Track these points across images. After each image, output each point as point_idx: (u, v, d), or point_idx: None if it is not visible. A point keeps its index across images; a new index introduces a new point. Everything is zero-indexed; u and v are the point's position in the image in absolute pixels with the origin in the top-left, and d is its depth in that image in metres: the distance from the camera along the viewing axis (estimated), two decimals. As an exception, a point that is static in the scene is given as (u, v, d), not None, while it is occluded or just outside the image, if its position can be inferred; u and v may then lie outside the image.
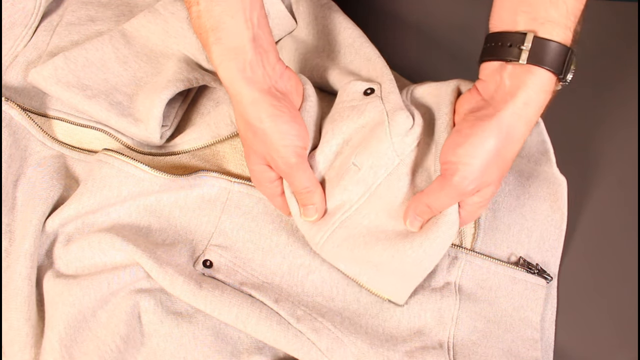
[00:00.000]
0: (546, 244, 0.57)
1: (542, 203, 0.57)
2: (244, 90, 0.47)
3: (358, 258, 0.50)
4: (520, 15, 0.46)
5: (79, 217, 0.51)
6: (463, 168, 0.46)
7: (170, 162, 0.57)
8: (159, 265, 0.49)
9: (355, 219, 0.50)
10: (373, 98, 0.52)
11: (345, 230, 0.50)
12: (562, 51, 0.45)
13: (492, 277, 0.55)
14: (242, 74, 0.47)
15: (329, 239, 0.50)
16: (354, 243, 0.50)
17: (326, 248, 0.50)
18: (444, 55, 0.68)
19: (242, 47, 0.47)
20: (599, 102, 0.63)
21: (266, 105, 0.47)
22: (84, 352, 0.47)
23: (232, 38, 0.47)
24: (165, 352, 0.48)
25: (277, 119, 0.47)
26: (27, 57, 0.59)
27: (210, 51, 0.47)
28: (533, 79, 0.45)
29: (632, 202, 0.59)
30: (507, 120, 0.46)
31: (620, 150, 0.61)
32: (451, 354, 0.51)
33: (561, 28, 0.45)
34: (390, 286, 0.51)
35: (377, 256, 0.49)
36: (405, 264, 0.48)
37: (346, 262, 0.51)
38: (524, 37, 0.45)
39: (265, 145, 0.48)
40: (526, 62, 0.45)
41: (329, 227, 0.50)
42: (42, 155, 0.55)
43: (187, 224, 0.54)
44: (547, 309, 0.55)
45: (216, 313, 0.48)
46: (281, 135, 0.48)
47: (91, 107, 0.54)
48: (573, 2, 0.45)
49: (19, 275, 0.48)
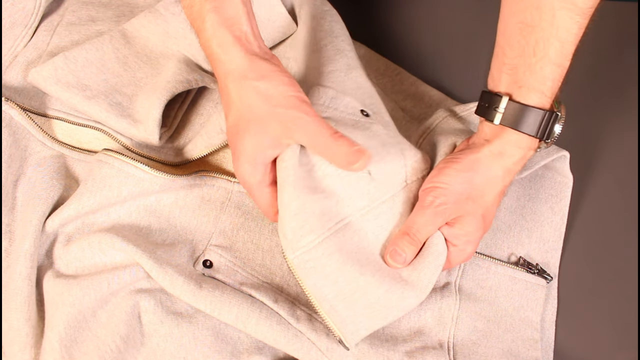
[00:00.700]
0: (546, 245, 0.57)
1: (542, 205, 0.57)
2: (238, 55, 0.45)
3: (343, 277, 0.45)
4: (503, 76, 0.49)
5: (79, 217, 0.51)
6: (435, 190, 0.48)
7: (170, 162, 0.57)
8: (159, 265, 0.49)
9: (347, 232, 0.47)
10: (374, 120, 0.52)
11: (339, 240, 0.46)
12: (536, 114, 0.47)
13: (492, 277, 0.55)
14: (239, 42, 0.46)
15: (321, 245, 0.45)
16: (347, 258, 0.45)
17: (313, 255, 0.45)
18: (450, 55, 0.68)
19: (238, 17, 0.47)
20: (599, 102, 0.63)
21: (265, 65, 0.46)
22: (84, 352, 0.47)
23: (228, 7, 0.46)
24: (165, 352, 0.48)
25: (280, 72, 0.46)
26: (27, 57, 0.59)
27: (204, 20, 0.46)
28: (509, 135, 0.48)
29: (632, 202, 0.59)
30: (482, 159, 0.48)
31: (620, 150, 0.61)
32: (451, 354, 0.51)
33: (536, 93, 0.47)
34: (350, 323, 0.45)
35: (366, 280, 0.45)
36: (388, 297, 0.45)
37: (321, 278, 0.45)
38: (500, 99, 0.48)
39: (271, 102, 0.45)
40: (499, 124, 0.48)
41: (324, 230, 0.45)
42: (42, 155, 0.55)
43: (187, 224, 0.54)
44: (547, 309, 0.55)
45: (216, 313, 0.48)
46: (287, 86, 0.45)
47: (91, 107, 0.54)
48: (549, 67, 0.46)
49: (19, 275, 0.48)
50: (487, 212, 0.49)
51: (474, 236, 0.50)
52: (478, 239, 0.50)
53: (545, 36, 0.46)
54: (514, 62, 0.48)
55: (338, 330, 0.45)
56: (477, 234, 0.50)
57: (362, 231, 0.48)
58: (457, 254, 0.50)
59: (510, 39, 0.48)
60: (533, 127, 0.47)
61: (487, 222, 0.50)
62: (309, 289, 0.46)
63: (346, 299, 0.45)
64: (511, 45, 0.48)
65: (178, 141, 0.58)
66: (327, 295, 0.45)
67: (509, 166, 0.49)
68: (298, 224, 0.45)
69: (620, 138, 0.62)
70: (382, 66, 0.67)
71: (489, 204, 0.49)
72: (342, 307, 0.45)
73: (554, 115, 0.47)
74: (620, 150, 0.61)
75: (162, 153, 0.57)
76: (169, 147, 0.58)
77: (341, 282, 0.45)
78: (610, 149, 0.61)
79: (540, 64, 0.46)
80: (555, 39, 0.46)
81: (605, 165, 0.61)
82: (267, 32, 0.61)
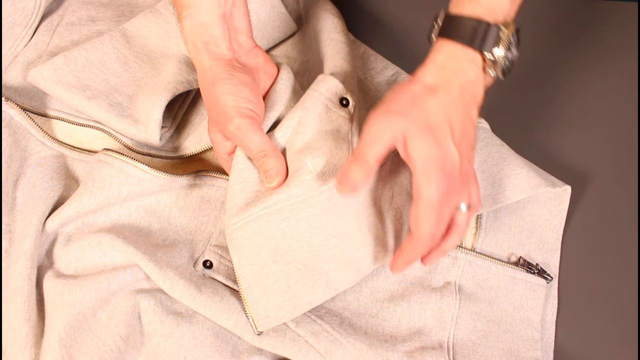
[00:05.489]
0: (546, 245, 0.57)
1: (541, 207, 0.57)
2: (204, 59, 0.49)
3: (258, 260, 0.48)
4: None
5: (79, 217, 0.51)
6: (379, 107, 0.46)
7: (170, 162, 0.57)
8: (159, 268, 0.49)
9: (275, 218, 0.47)
10: (346, 115, 0.52)
11: (259, 226, 0.47)
12: (467, 23, 0.46)
13: (492, 277, 0.54)
14: (206, 47, 0.49)
15: (241, 229, 0.48)
16: (264, 243, 0.47)
17: (235, 235, 0.48)
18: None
19: (210, 22, 0.49)
20: (599, 102, 0.63)
21: (220, 70, 0.49)
22: (84, 352, 0.47)
23: (202, 14, 0.49)
24: (165, 352, 0.48)
25: (227, 81, 0.48)
26: (27, 57, 0.59)
27: (182, 25, 0.50)
28: (442, 46, 0.47)
29: (632, 202, 0.59)
30: (420, 72, 0.47)
31: (620, 150, 0.61)
32: (451, 354, 0.51)
33: (470, 3, 0.46)
34: (262, 308, 0.48)
35: (279, 268, 0.47)
36: (298, 288, 0.47)
37: (242, 257, 0.48)
38: (439, 14, 0.48)
39: (216, 109, 0.49)
40: (437, 37, 0.47)
41: (245, 216, 0.47)
42: (42, 155, 0.55)
43: (187, 224, 0.54)
44: (547, 309, 0.55)
45: (215, 318, 0.49)
46: (229, 96, 0.48)
47: (91, 108, 0.54)
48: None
49: (19, 275, 0.48)
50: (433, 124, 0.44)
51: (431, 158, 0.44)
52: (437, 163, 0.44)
53: None
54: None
55: (251, 310, 0.48)
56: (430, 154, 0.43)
57: (294, 219, 0.47)
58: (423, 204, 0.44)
59: None
60: (464, 35, 0.46)
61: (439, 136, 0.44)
62: (234, 264, 0.49)
63: (261, 282, 0.48)
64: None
65: (178, 141, 0.58)
66: (246, 274, 0.48)
67: (447, 77, 0.46)
68: (231, 205, 0.49)
69: (620, 138, 0.62)
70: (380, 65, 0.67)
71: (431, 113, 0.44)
72: (257, 290, 0.48)
73: (491, 28, 0.45)
74: (620, 150, 0.61)
75: (162, 152, 0.57)
76: (169, 147, 0.58)
77: (256, 265, 0.48)
78: (610, 149, 0.61)
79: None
80: None
81: (605, 165, 0.60)
82: (267, 32, 0.61)
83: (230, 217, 0.48)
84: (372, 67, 0.64)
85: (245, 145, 0.49)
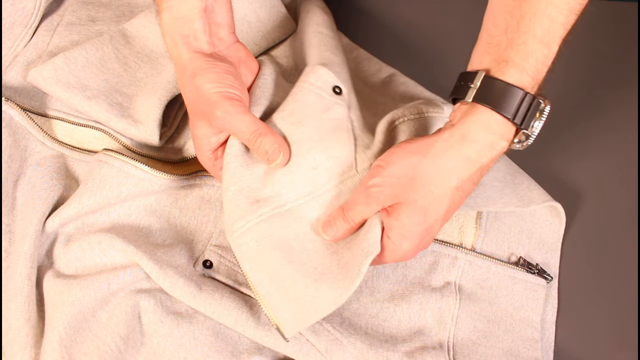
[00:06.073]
0: (546, 245, 0.57)
1: (541, 207, 0.57)
2: (182, 52, 0.48)
3: (272, 263, 0.44)
4: (485, 57, 0.45)
5: (79, 217, 0.51)
6: (377, 170, 0.45)
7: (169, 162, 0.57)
8: (160, 267, 0.49)
9: (286, 218, 0.46)
10: (341, 101, 0.51)
11: (270, 226, 0.45)
12: (514, 93, 0.42)
13: (492, 277, 0.54)
14: (185, 40, 0.48)
15: (250, 231, 0.45)
16: (277, 244, 0.45)
17: (243, 239, 0.45)
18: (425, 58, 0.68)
19: (190, 16, 0.48)
20: (599, 102, 0.63)
21: (201, 61, 0.47)
22: (84, 352, 0.47)
23: (182, 6, 0.48)
24: (165, 352, 0.48)
25: (209, 70, 0.47)
26: (27, 57, 0.59)
27: (161, 17, 0.48)
28: (476, 115, 0.43)
29: (632, 202, 0.59)
30: (437, 142, 0.44)
31: (620, 150, 0.61)
32: (451, 354, 0.51)
33: (517, 69, 0.42)
34: (286, 312, 0.44)
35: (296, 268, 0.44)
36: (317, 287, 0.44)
37: (255, 263, 0.45)
38: (475, 75, 0.44)
39: (199, 99, 0.47)
40: (472, 100, 0.43)
41: (254, 217, 0.45)
42: (42, 155, 0.55)
43: (187, 224, 0.54)
44: (547, 309, 0.55)
45: (215, 316, 0.48)
46: (212, 84, 0.46)
47: (91, 108, 0.54)
48: (534, 44, 0.42)
49: (19, 275, 0.48)
50: (431, 207, 0.44)
51: (411, 231, 0.44)
52: (416, 235, 0.44)
53: (532, 10, 0.42)
54: (496, 40, 0.43)
55: (275, 317, 0.44)
56: (414, 229, 0.44)
57: (304, 219, 0.46)
58: (391, 249, 0.45)
59: (495, 17, 0.44)
60: (508, 106, 0.42)
61: (428, 218, 0.44)
62: (246, 272, 0.45)
63: (280, 286, 0.44)
64: (496, 23, 0.44)
65: (178, 141, 0.58)
66: (263, 280, 0.45)
67: (469, 155, 0.43)
68: (232, 208, 0.46)
69: (620, 138, 0.62)
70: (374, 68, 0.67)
71: (434, 197, 0.43)
72: (277, 295, 0.44)
73: (535, 101, 0.42)
74: (620, 150, 0.61)
75: (162, 152, 0.57)
76: (169, 147, 0.58)
77: (271, 269, 0.44)
78: (610, 149, 0.61)
79: (524, 38, 0.42)
80: (543, 14, 0.42)
81: (605, 165, 0.60)
82: (267, 32, 0.61)
83: (235, 221, 0.45)
84: (365, 70, 0.64)
85: (237, 129, 0.46)
